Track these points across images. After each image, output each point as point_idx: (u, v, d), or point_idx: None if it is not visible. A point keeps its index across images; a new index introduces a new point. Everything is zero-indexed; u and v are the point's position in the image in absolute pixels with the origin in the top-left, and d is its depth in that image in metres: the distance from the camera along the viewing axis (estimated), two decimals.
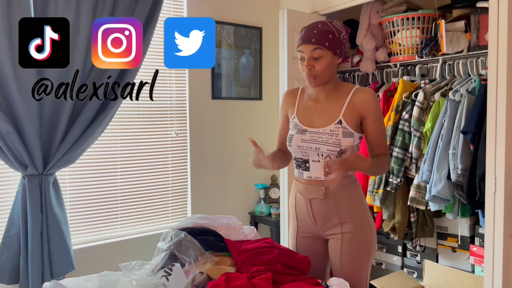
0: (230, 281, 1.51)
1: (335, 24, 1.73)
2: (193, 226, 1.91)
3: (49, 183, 2.35)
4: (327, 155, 1.71)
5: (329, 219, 1.78)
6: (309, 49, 1.70)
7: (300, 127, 1.79)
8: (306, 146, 1.75)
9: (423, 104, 2.59)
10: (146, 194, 2.93)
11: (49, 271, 2.34)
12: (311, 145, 1.74)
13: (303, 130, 1.77)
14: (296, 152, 1.79)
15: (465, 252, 2.63)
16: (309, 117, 1.80)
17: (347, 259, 1.77)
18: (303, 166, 1.79)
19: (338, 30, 1.71)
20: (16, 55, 2.20)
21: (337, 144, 1.70)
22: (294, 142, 1.78)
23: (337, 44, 1.71)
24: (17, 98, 2.21)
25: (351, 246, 1.77)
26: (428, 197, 2.44)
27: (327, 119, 1.75)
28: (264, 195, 3.29)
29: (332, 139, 1.71)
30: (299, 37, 1.75)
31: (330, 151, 1.70)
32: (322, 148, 1.71)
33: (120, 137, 2.80)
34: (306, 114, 1.81)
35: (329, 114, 1.75)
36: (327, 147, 1.70)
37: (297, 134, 1.78)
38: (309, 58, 1.70)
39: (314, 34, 1.69)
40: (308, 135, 1.75)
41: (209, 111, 3.13)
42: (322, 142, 1.71)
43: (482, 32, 2.43)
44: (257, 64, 3.34)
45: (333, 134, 1.71)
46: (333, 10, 3.03)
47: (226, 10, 3.17)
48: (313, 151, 1.73)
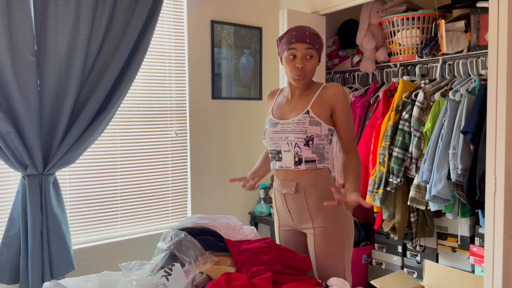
0: (230, 281, 1.51)
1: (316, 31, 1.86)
2: (193, 226, 1.92)
3: (49, 183, 2.35)
4: (295, 143, 1.81)
5: (301, 214, 1.86)
6: (303, 48, 1.78)
7: (273, 121, 1.90)
8: (277, 137, 1.85)
9: (423, 104, 2.59)
10: (146, 194, 2.93)
11: (49, 271, 2.34)
12: (281, 135, 1.84)
13: (276, 123, 1.88)
14: (270, 144, 1.89)
15: (465, 252, 2.63)
16: (282, 112, 1.91)
17: (321, 253, 1.82)
18: (276, 157, 1.90)
19: (321, 37, 1.85)
20: (16, 55, 2.21)
21: (303, 131, 1.79)
22: (267, 135, 1.89)
23: (321, 49, 1.86)
24: (17, 98, 2.21)
25: (322, 240, 1.82)
26: (428, 197, 2.44)
27: (296, 111, 1.85)
28: (264, 195, 3.29)
29: (299, 127, 1.80)
30: (287, 37, 1.81)
31: (298, 139, 1.80)
32: (290, 136, 1.81)
33: (120, 137, 2.80)
34: (280, 109, 1.93)
35: (299, 107, 1.86)
36: (295, 135, 1.80)
37: (270, 128, 1.89)
38: (302, 57, 1.78)
39: (307, 35, 1.78)
40: (279, 127, 1.85)
41: (209, 111, 3.13)
42: (290, 131, 1.81)
43: (482, 32, 2.43)
44: (257, 64, 3.34)
45: (300, 123, 1.81)
46: (333, 10, 3.02)
47: (226, 10, 3.17)
48: (283, 140, 1.84)
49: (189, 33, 3.01)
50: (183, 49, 3.02)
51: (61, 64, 2.34)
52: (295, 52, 1.78)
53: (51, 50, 2.31)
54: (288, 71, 1.83)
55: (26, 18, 2.21)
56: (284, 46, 1.82)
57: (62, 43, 2.32)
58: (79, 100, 2.42)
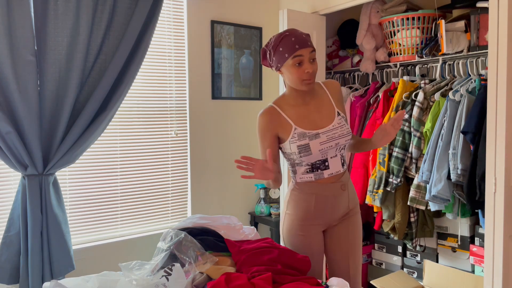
0: (230, 281, 1.51)
1: None
2: (193, 226, 1.92)
3: (49, 183, 2.35)
4: (343, 145, 1.84)
5: (344, 207, 1.92)
6: (308, 52, 1.74)
7: (310, 133, 1.79)
8: (326, 147, 1.81)
9: (423, 104, 2.59)
10: (146, 194, 2.93)
11: (49, 271, 2.34)
12: (331, 143, 1.81)
13: (315, 134, 1.79)
14: (317, 156, 1.81)
15: (465, 252, 2.63)
16: (310, 121, 1.83)
17: (352, 238, 1.93)
18: (322, 167, 1.84)
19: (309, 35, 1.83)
20: (16, 55, 2.21)
21: (348, 132, 1.84)
22: (314, 148, 1.78)
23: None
24: (17, 98, 2.21)
25: (354, 225, 1.95)
26: (428, 197, 2.44)
27: (327, 116, 1.84)
28: (264, 195, 3.29)
29: (344, 130, 1.83)
30: (287, 45, 1.72)
31: (346, 141, 1.84)
32: (340, 141, 1.82)
33: (120, 137, 2.80)
34: (305, 120, 1.83)
35: (325, 112, 1.85)
36: (344, 138, 1.83)
37: (312, 141, 1.79)
38: (308, 61, 1.74)
39: (305, 38, 1.75)
40: (324, 136, 1.80)
41: (209, 111, 3.13)
42: (339, 137, 1.82)
43: (482, 32, 2.43)
44: (257, 64, 3.34)
45: (342, 126, 1.83)
46: (333, 10, 3.02)
47: (226, 10, 3.17)
48: (333, 148, 1.82)
49: (189, 33, 3.01)
50: (183, 49, 3.02)
51: (61, 64, 2.34)
52: (301, 58, 1.72)
53: (51, 50, 2.31)
54: (295, 78, 1.75)
55: (26, 18, 2.21)
56: (285, 54, 1.73)
57: (62, 43, 2.32)
58: (79, 100, 2.42)
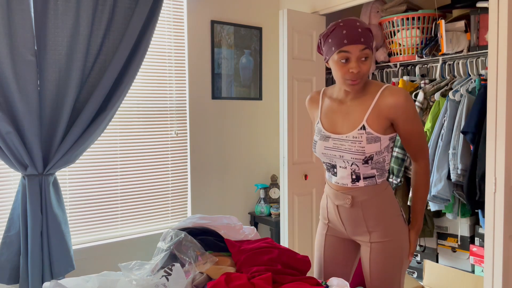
0: (230, 281, 1.51)
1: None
2: (193, 226, 1.91)
3: (49, 183, 2.35)
4: (352, 162, 1.60)
5: (357, 226, 1.68)
6: (358, 50, 1.51)
7: (324, 133, 1.68)
8: (330, 154, 1.65)
9: (423, 104, 2.59)
10: (146, 194, 2.93)
11: (49, 271, 2.34)
12: (335, 153, 1.63)
13: (326, 137, 1.66)
14: (322, 157, 1.71)
15: (465, 252, 2.63)
16: (332, 122, 1.68)
17: (377, 268, 1.66)
18: (331, 171, 1.70)
19: (370, 28, 1.58)
20: (16, 55, 2.21)
21: (360, 152, 1.57)
22: (318, 149, 1.69)
23: (373, 44, 1.60)
24: (17, 98, 2.21)
25: (380, 255, 1.65)
26: (428, 197, 2.44)
27: (350, 125, 1.62)
28: (264, 195, 3.29)
29: (355, 146, 1.58)
30: (336, 37, 1.53)
31: (355, 159, 1.59)
32: (346, 156, 1.60)
33: (120, 137, 2.80)
34: (329, 118, 1.69)
35: (352, 119, 1.62)
36: (351, 155, 1.59)
37: (320, 141, 1.68)
38: (357, 59, 1.52)
39: (360, 33, 1.51)
40: (331, 142, 1.64)
41: (209, 111, 3.13)
42: (345, 150, 1.60)
43: (482, 32, 2.43)
44: (257, 64, 3.34)
45: (356, 141, 1.58)
46: (333, 10, 3.02)
47: (226, 10, 3.17)
48: (338, 158, 1.63)
49: (189, 33, 3.01)
50: (183, 49, 3.02)
51: (61, 64, 2.34)
52: (348, 55, 1.52)
53: (51, 50, 2.31)
54: (340, 76, 1.56)
55: (26, 18, 2.21)
56: (332, 47, 1.54)
57: (62, 43, 2.33)
58: (79, 100, 2.42)
